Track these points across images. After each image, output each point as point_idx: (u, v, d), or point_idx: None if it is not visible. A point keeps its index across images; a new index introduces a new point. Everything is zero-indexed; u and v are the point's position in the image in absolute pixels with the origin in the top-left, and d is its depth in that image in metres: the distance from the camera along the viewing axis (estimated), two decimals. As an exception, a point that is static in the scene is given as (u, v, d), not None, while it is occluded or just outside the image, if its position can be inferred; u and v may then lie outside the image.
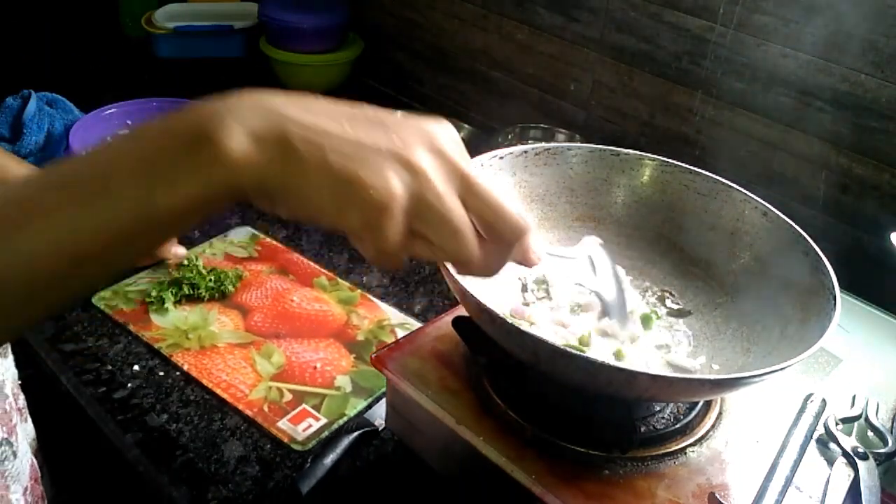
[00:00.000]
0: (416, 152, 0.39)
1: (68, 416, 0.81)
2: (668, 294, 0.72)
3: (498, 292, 0.68)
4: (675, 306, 0.71)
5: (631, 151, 0.75)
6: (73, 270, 0.38)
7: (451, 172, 0.40)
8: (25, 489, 0.73)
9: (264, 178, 0.38)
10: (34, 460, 0.75)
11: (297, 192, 0.38)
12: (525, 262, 0.45)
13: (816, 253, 0.63)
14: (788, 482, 0.57)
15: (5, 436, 0.70)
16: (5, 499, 0.69)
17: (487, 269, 0.43)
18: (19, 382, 0.76)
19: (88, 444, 0.81)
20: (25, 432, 0.75)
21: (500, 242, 0.42)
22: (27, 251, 0.37)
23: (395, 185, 0.38)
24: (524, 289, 0.72)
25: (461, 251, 0.41)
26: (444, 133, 0.41)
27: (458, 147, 0.41)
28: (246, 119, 0.37)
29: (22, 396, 0.76)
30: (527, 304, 0.70)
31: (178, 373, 0.84)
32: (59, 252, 0.37)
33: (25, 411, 0.76)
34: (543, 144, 0.76)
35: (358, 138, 0.39)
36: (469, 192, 0.41)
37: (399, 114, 0.42)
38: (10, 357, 0.75)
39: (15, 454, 0.71)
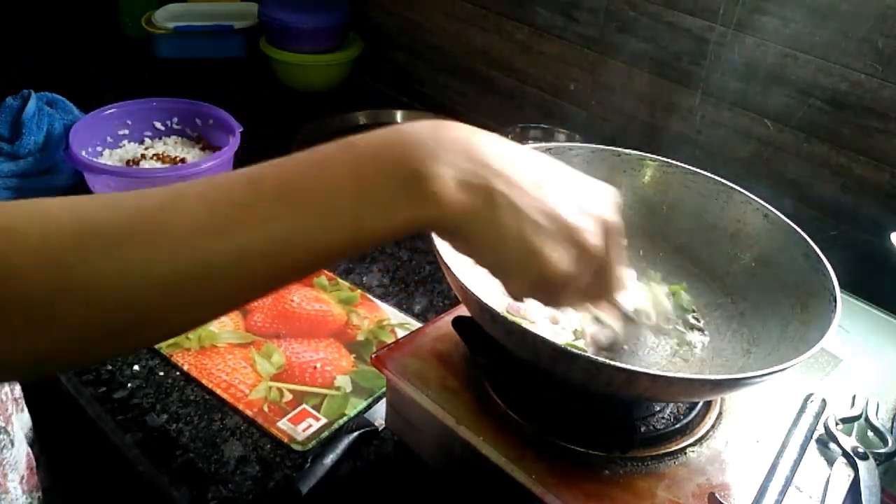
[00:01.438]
0: (591, 235, 0.45)
1: (68, 416, 0.81)
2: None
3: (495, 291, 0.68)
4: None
5: (632, 152, 0.75)
6: (269, 278, 0.40)
7: (608, 252, 0.47)
8: (22, 478, 0.73)
9: (464, 223, 0.42)
10: (30, 450, 0.75)
11: (486, 244, 0.43)
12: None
13: (816, 254, 0.63)
14: (788, 482, 0.57)
15: (2, 424, 0.70)
16: (3, 486, 0.69)
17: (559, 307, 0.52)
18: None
19: (88, 443, 0.81)
20: (21, 422, 0.75)
21: (591, 297, 0.50)
22: (234, 254, 0.38)
23: (569, 266, 0.45)
24: None
25: (562, 303, 0.49)
26: (614, 206, 0.49)
27: (619, 217, 0.49)
28: (455, 162, 0.41)
29: (18, 387, 0.76)
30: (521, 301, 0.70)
31: (178, 373, 0.84)
32: (269, 259, 0.39)
33: (22, 401, 0.76)
34: (543, 144, 0.76)
35: (548, 206, 0.44)
36: (609, 264, 0.48)
37: (570, 170, 0.48)
38: None
39: (12, 443, 0.71)
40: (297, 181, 0.40)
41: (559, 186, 0.45)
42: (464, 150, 0.41)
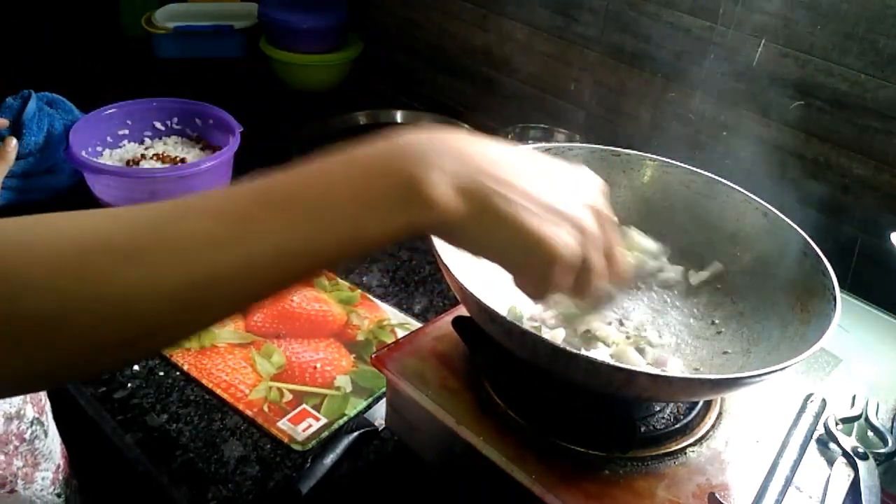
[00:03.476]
0: (585, 218, 0.47)
1: (68, 416, 0.81)
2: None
3: (495, 290, 0.68)
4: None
5: (631, 151, 0.75)
6: (270, 286, 0.42)
7: (604, 235, 0.49)
8: (58, 467, 0.75)
9: (461, 225, 0.43)
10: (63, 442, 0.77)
11: (487, 241, 0.45)
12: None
13: (816, 253, 0.63)
14: (788, 482, 0.57)
15: (36, 415, 0.72)
16: (30, 477, 0.71)
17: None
18: None
19: (88, 443, 0.81)
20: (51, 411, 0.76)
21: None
22: (240, 264, 0.39)
23: (574, 247, 0.46)
24: None
25: (586, 292, 0.49)
26: (597, 188, 0.51)
27: (606, 200, 0.51)
28: (448, 167, 0.43)
29: None
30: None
31: (178, 373, 0.84)
32: (274, 267, 0.40)
33: (46, 393, 0.77)
34: (543, 144, 0.76)
35: (543, 199, 0.45)
36: (609, 246, 0.50)
37: (556, 163, 0.50)
38: None
39: (46, 433, 0.73)
40: (300, 193, 0.41)
41: (549, 180, 0.47)
42: (456, 154, 0.43)
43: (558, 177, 0.49)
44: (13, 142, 0.95)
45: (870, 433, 0.65)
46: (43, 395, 0.75)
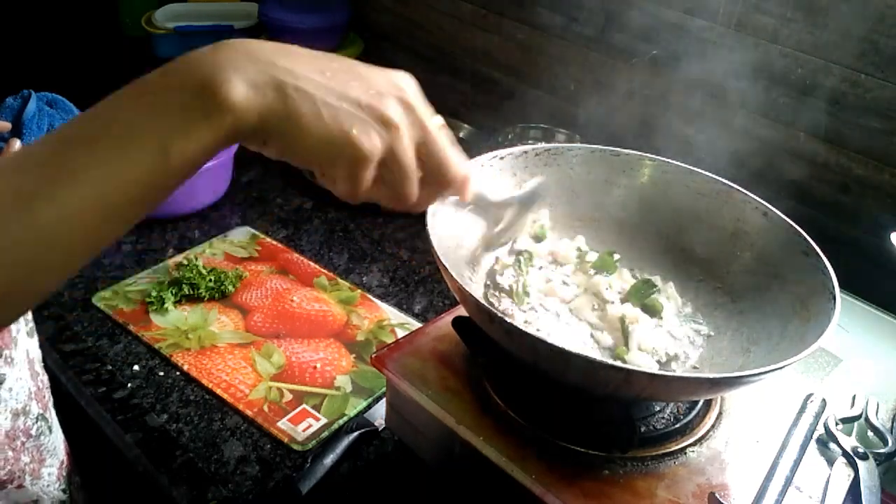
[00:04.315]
0: (391, 108, 0.45)
1: (69, 416, 0.81)
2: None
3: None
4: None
5: (631, 152, 0.75)
6: (103, 224, 0.41)
7: (416, 125, 0.47)
8: (62, 463, 0.76)
9: (264, 124, 0.42)
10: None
11: (292, 140, 0.43)
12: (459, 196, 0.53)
13: (816, 253, 0.63)
14: (788, 482, 0.57)
15: (41, 411, 0.72)
16: (37, 472, 0.71)
17: (418, 207, 0.51)
18: (43, 364, 0.77)
19: (89, 443, 0.81)
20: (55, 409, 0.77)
21: (438, 185, 0.50)
22: (61, 209, 0.39)
23: (377, 141, 0.44)
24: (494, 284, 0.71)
25: (405, 192, 0.48)
26: (411, 86, 0.48)
27: (421, 98, 0.48)
28: (243, 68, 0.42)
29: (46, 375, 0.77)
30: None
31: (178, 373, 0.84)
32: (91, 208, 0.40)
33: (49, 390, 0.77)
34: (543, 144, 0.76)
35: (342, 90, 0.44)
36: (426, 142, 0.47)
37: (364, 64, 0.48)
38: (36, 337, 0.75)
39: (50, 429, 0.74)
40: (96, 124, 0.41)
41: (353, 75, 0.46)
42: (246, 54, 0.43)
43: (365, 73, 0.47)
44: (16, 143, 0.95)
45: (870, 433, 0.65)
46: (47, 391, 0.75)
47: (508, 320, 0.54)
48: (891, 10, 0.87)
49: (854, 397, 0.67)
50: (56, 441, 0.75)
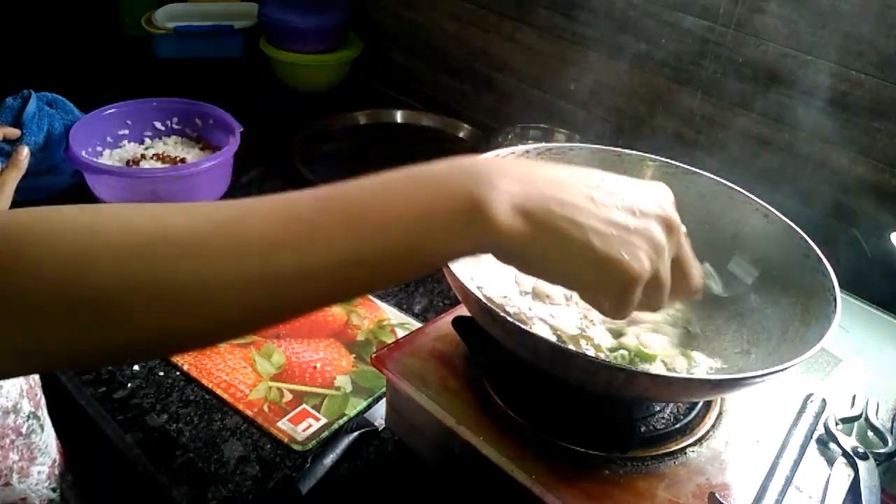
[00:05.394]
0: (656, 230, 0.46)
1: (68, 416, 0.81)
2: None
3: (496, 287, 0.69)
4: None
5: (632, 152, 0.75)
6: (334, 292, 0.42)
7: (675, 242, 0.48)
8: (53, 461, 0.76)
9: (526, 248, 0.43)
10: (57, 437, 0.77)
11: (555, 265, 0.44)
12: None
13: (817, 254, 0.63)
14: (788, 482, 0.57)
15: (33, 409, 0.72)
16: (26, 471, 0.71)
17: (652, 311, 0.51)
18: None
19: (88, 443, 0.81)
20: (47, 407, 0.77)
21: (676, 293, 0.50)
22: (298, 266, 0.40)
23: (646, 264, 0.45)
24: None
25: (659, 304, 0.48)
26: (670, 201, 0.49)
27: (676, 215, 0.48)
28: (512, 190, 0.42)
29: (38, 374, 0.77)
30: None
31: (178, 373, 0.84)
32: (323, 277, 0.40)
33: (41, 388, 0.77)
34: (544, 144, 0.76)
35: (610, 216, 0.44)
36: (679, 256, 0.49)
37: (621, 178, 0.48)
38: None
39: (42, 427, 0.74)
40: (361, 206, 0.41)
41: (611, 195, 0.46)
42: (519, 176, 0.43)
43: (623, 191, 0.47)
44: (25, 150, 0.96)
45: (870, 433, 0.65)
46: (39, 390, 0.75)
47: (510, 320, 0.54)
48: (891, 10, 0.87)
49: (854, 397, 0.67)
50: (48, 439, 0.75)
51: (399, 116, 1.38)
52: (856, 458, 0.61)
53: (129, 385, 0.82)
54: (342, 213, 0.41)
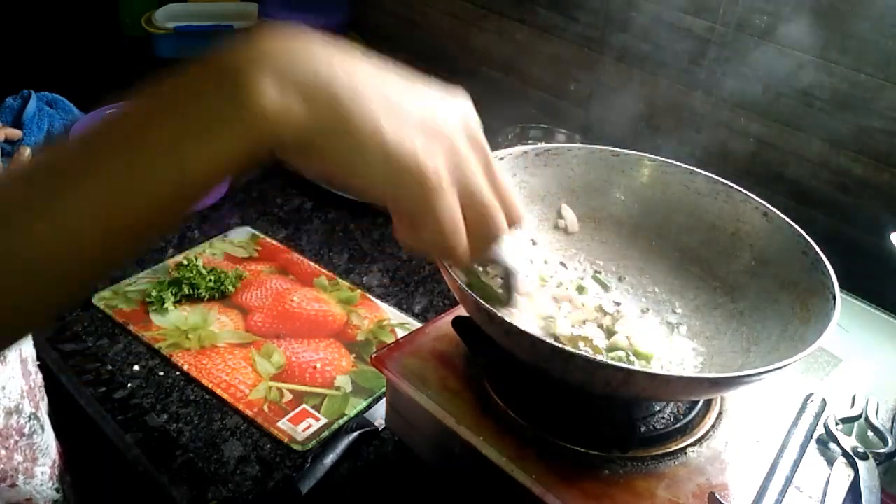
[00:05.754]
0: (458, 139, 0.40)
1: (68, 416, 0.81)
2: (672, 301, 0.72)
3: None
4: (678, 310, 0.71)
5: (631, 152, 0.75)
6: (104, 244, 0.36)
7: (481, 157, 0.42)
8: (54, 462, 0.76)
9: (308, 138, 0.36)
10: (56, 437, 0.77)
11: (342, 158, 0.37)
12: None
13: (816, 253, 0.63)
14: (788, 482, 0.57)
15: (33, 410, 0.72)
16: (30, 471, 0.71)
17: (473, 258, 0.45)
18: (38, 363, 0.77)
19: (88, 443, 0.81)
20: (46, 407, 0.77)
21: (497, 228, 0.44)
22: (62, 223, 0.34)
23: (443, 166, 0.39)
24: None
25: (492, 232, 0.43)
26: (473, 112, 0.43)
27: (481, 132, 0.43)
28: (284, 68, 0.35)
29: (40, 375, 0.77)
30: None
31: (178, 373, 0.84)
32: (91, 224, 0.35)
33: (43, 390, 0.77)
34: (544, 145, 0.76)
35: (406, 107, 0.38)
36: (489, 175, 0.42)
37: (418, 76, 0.42)
38: (29, 336, 0.76)
39: (42, 428, 0.74)
40: (106, 129, 0.36)
41: (411, 89, 0.40)
42: (295, 53, 0.36)
43: (426, 90, 0.41)
44: (27, 151, 0.96)
45: (870, 433, 0.65)
46: (39, 391, 0.75)
47: (508, 320, 0.54)
48: (891, 10, 0.87)
49: (854, 397, 0.67)
50: (48, 440, 0.75)
51: (399, 116, 1.38)
52: (856, 458, 0.61)
53: (129, 385, 0.82)
54: (87, 148, 0.35)
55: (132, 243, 0.37)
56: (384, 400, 0.74)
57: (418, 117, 0.38)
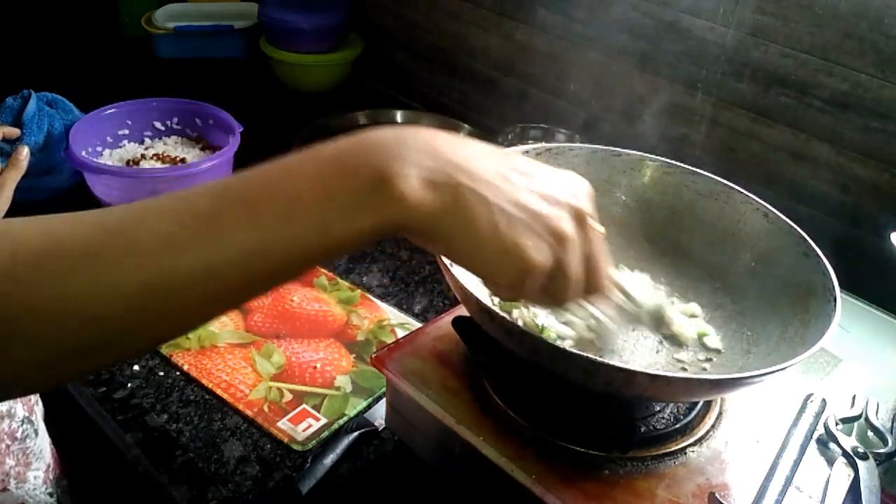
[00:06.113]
0: (565, 222, 0.44)
1: (68, 416, 0.81)
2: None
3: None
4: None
5: (632, 152, 0.75)
6: (243, 287, 0.40)
7: (587, 238, 0.46)
8: (48, 466, 0.76)
9: (433, 222, 0.41)
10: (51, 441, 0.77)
11: (460, 243, 0.42)
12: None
13: (817, 253, 0.63)
14: (788, 482, 0.57)
15: (26, 414, 0.72)
16: (22, 476, 0.71)
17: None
18: None
19: (88, 443, 0.81)
20: (41, 412, 0.76)
21: (585, 291, 0.48)
22: (202, 265, 0.38)
23: (548, 256, 0.44)
24: None
25: (565, 299, 0.47)
26: (585, 194, 0.47)
27: (592, 206, 0.47)
28: (418, 162, 0.40)
29: None
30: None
31: (178, 373, 0.84)
32: (236, 269, 0.38)
33: (38, 394, 0.77)
34: (544, 144, 0.76)
35: (519, 198, 0.43)
36: (591, 254, 0.47)
37: (538, 164, 0.47)
38: None
39: (36, 432, 0.74)
40: (260, 190, 0.40)
41: (525, 178, 0.45)
42: (426, 149, 0.41)
43: (538, 176, 0.46)
44: (25, 150, 0.96)
45: (870, 433, 0.65)
46: (34, 395, 0.75)
47: (509, 319, 0.54)
48: (891, 10, 0.87)
49: (854, 397, 0.67)
50: (42, 444, 0.75)
51: (399, 116, 1.38)
52: (856, 458, 0.61)
53: (129, 385, 0.82)
54: (241, 203, 0.39)
55: (263, 287, 0.42)
56: (384, 400, 0.74)
57: (532, 209, 0.43)
